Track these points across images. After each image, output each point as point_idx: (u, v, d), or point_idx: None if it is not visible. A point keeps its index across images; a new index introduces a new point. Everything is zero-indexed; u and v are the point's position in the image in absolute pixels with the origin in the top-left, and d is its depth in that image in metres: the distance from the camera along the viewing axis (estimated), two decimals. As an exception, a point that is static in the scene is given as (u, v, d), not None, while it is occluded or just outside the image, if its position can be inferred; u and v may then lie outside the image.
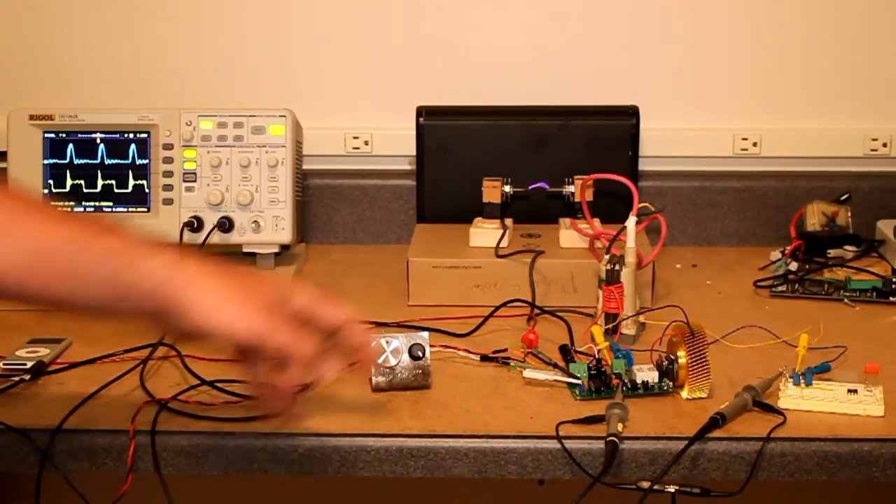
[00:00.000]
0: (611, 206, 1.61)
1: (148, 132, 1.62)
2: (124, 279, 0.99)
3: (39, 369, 1.27)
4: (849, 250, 1.66)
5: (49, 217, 1.01)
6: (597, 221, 1.55)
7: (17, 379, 1.24)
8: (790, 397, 1.18)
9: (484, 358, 1.31)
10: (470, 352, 1.32)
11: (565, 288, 1.51)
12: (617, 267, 1.38)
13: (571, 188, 1.64)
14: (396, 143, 1.82)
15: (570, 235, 1.59)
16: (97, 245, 1.00)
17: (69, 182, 1.62)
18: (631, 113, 1.75)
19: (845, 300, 1.53)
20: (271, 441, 1.14)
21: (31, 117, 1.62)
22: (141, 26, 1.81)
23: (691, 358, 1.20)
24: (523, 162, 1.75)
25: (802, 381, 1.18)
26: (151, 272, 0.99)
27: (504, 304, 1.47)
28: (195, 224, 1.59)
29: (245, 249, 1.62)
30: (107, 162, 1.62)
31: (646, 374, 1.22)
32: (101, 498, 1.15)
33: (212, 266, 1.02)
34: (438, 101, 1.80)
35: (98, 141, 1.63)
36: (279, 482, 1.86)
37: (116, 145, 1.62)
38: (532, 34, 1.80)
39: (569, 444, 1.12)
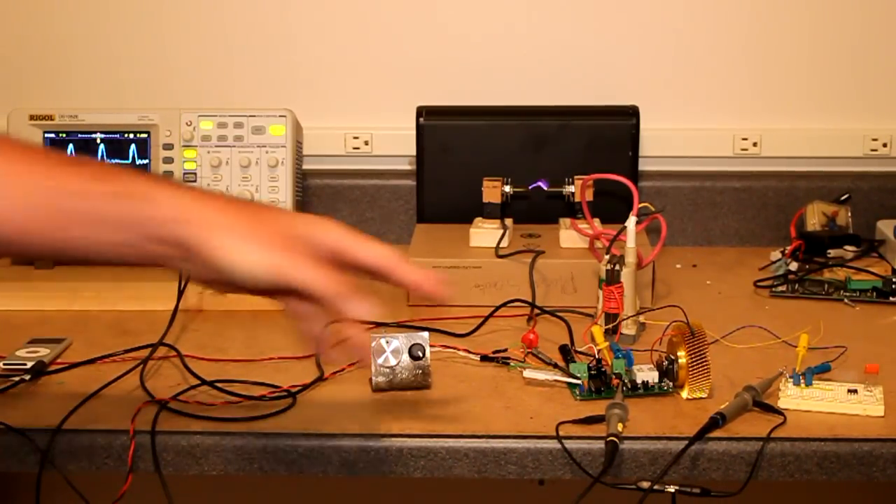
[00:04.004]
0: (611, 206, 1.61)
1: (148, 132, 1.62)
2: (136, 223, 0.93)
3: (39, 369, 1.27)
4: (849, 250, 1.66)
5: (55, 162, 0.95)
6: (597, 221, 1.55)
7: (17, 379, 1.24)
8: (790, 397, 1.18)
9: (484, 358, 1.31)
10: (470, 352, 1.32)
11: (565, 288, 1.51)
12: (617, 267, 1.37)
13: (571, 188, 1.64)
14: (396, 143, 1.82)
15: (570, 235, 1.58)
16: (105, 188, 0.94)
17: (69, 182, 1.62)
18: (631, 113, 1.75)
19: (845, 300, 1.53)
20: (271, 441, 1.14)
21: (31, 117, 1.62)
22: (141, 26, 1.81)
23: (691, 358, 1.19)
24: (523, 162, 1.75)
25: (802, 381, 1.18)
26: (165, 214, 0.93)
27: (504, 304, 1.46)
28: (195, 224, 1.59)
29: (245, 249, 1.62)
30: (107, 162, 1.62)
31: (646, 374, 1.22)
32: (101, 498, 1.15)
33: (229, 203, 0.97)
34: (438, 101, 1.80)
35: (98, 141, 1.63)
36: (279, 482, 1.86)
37: (116, 145, 1.62)
38: (532, 34, 1.80)
39: (569, 444, 1.12)
